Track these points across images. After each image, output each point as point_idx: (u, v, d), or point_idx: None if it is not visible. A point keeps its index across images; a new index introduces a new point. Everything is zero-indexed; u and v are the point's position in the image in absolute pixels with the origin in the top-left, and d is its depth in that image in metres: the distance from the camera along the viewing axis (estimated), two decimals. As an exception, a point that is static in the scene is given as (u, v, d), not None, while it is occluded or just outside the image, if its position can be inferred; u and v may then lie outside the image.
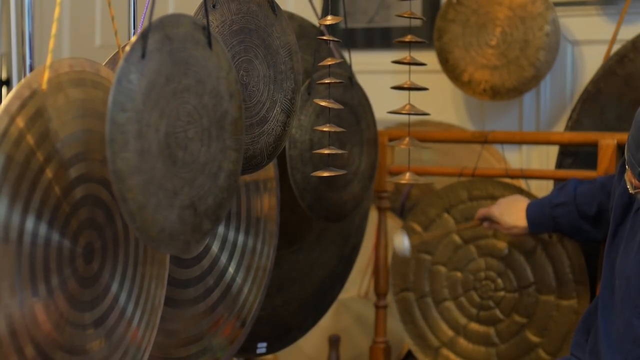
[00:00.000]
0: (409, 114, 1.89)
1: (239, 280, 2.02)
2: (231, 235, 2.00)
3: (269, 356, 2.54)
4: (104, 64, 1.62)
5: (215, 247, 1.96)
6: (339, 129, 1.86)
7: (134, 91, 1.35)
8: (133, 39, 1.38)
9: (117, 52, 1.68)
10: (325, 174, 1.86)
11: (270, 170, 2.09)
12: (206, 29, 1.53)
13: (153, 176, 1.39)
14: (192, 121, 1.47)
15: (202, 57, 1.51)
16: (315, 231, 2.49)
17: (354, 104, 2.28)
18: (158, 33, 1.41)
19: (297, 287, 2.49)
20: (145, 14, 1.76)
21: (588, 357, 1.99)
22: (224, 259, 1.98)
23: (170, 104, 1.43)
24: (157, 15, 1.42)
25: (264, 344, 2.41)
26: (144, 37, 1.38)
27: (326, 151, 1.86)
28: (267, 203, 2.10)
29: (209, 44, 1.53)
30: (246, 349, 2.36)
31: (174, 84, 1.43)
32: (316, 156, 2.15)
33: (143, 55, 1.37)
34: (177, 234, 1.46)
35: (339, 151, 1.88)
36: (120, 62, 1.34)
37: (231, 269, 2.00)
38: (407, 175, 1.91)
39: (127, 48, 1.36)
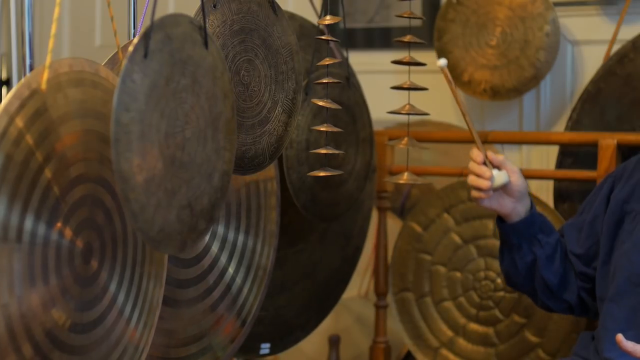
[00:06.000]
0: (408, 114, 1.89)
1: (238, 280, 2.02)
2: (231, 235, 2.00)
3: (270, 357, 2.54)
4: (103, 64, 1.62)
5: (215, 247, 1.96)
6: (336, 129, 1.86)
7: (137, 91, 1.36)
8: (135, 39, 1.38)
9: (117, 52, 1.68)
10: (322, 173, 1.87)
11: (270, 171, 2.09)
12: (203, 29, 1.53)
13: (154, 176, 1.39)
14: (190, 121, 1.48)
15: (199, 57, 1.51)
16: (318, 231, 2.49)
17: (351, 104, 2.28)
18: (160, 33, 1.41)
19: (300, 287, 2.48)
20: (144, 13, 1.76)
21: (593, 357, 1.99)
22: (223, 259, 1.98)
23: (170, 104, 1.43)
24: (157, 15, 1.42)
25: (267, 345, 2.40)
26: (146, 36, 1.38)
27: (323, 151, 1.86)
28: (267, 203, 2.10)
29: (205, 44, 1.53)
30: (249, 349, 2.35)
31: (173, 84, 1.44)
32: (312, 156, 2.15)
33: (145, 55, 1.37)
34: (175, 234, 1.47)
35: (336, 151, 1.89)
36: (124, 62, 1.34)
37: (231, 269, 2.00)
38: (405, 175, 1.92)
39: (130, 48, 1.37)
